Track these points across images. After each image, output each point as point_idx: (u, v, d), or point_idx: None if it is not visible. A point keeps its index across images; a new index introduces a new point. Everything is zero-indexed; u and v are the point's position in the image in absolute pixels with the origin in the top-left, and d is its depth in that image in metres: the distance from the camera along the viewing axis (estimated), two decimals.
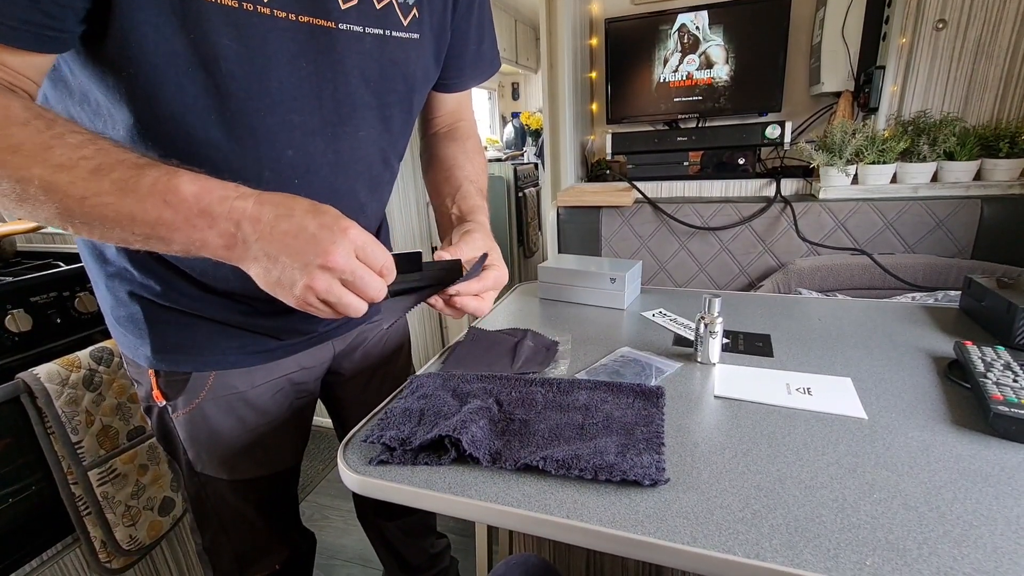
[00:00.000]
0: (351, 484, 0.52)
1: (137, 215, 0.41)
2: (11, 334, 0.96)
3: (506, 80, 4.53)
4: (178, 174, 0.42)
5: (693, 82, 1.59)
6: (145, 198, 0.41)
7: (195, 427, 0.68)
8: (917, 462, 0.49)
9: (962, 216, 1.23)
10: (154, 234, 0.42)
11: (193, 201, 0.42)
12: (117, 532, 1.01)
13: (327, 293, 0.44)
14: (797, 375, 0.66)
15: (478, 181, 0.73)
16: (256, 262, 0.44)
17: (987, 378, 0.57)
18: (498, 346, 0.77)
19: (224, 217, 0.42)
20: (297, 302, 0.45)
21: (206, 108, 0.50)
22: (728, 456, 0.51)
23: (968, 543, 0.39)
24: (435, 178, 0.75)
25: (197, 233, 0.42)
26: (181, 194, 0.42)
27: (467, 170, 0.73)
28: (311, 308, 0.45)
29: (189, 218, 0.42)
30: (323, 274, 0.43)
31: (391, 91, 0.62)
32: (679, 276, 1.51)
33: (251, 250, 0.43)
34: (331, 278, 0.44)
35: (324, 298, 0.45)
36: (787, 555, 0.39)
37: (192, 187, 0.42)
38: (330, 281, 0.44)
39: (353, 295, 0.46)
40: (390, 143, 0.66)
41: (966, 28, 1.25)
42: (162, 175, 0.42)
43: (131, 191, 0.41)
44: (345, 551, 1.45)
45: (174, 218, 0.42)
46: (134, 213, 0.41)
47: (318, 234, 0.43)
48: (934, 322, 0.81)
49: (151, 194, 0.41)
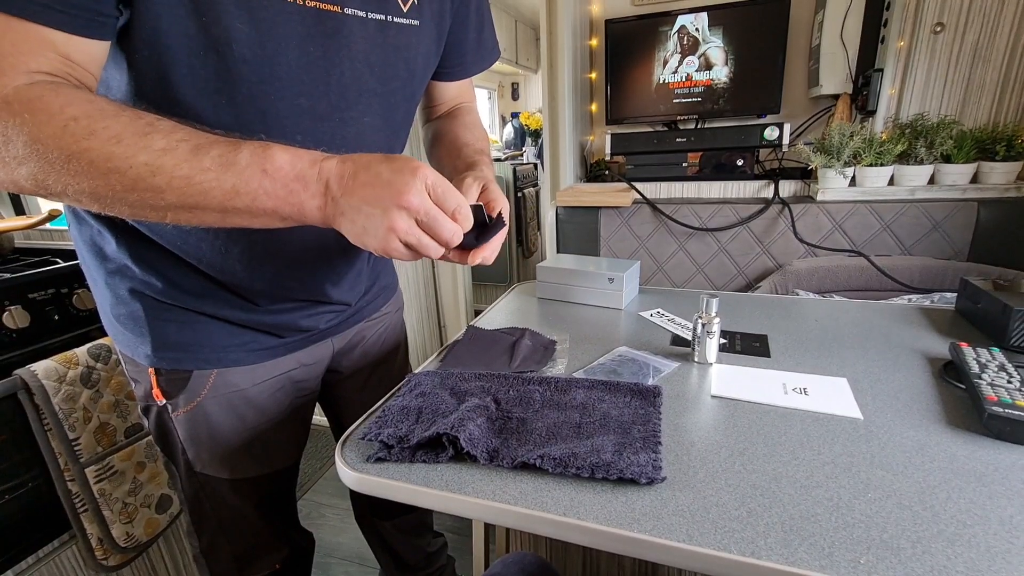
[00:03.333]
0: (349, 481, 0.52)
1: (240, 188, 0.43)
2: (9, 331, 0.96)
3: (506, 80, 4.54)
4: (270, 146, 0.44)
5: (692, 83, 1.60)
6: (245, 170, 0.43)
7: (195, 426, 0.68)
8: (912, 462, 0.49)
9: (959, 218, 1.23)
10: (254, 205, 0.44)
11: (288, 168, 0.44)
12: (114, 529, 1.00)
13: (407, 234, 0.46)
14: (793, 375, 0.66)
15: (476, 144, 0.73)
16: (344, 217, 0.46)
17: (982, 379, 0.57)
18: (496, 345, 0.77)
19: (315, 179, 0.45)
20: (383, 247, 0.46)
21: (217, 92, 0.50)
22: (724, 455, 0.51)
23: (962, 542, 0.39)
24: (438, 154, 0.75)
25: (294, 198, 0.45)
26: (277, 162, 0.44)
27: (466, 138, 0.73)
28: (396, 252, 0.47)
29: (286, 183, 0.44)
30: (401, 214, 0.45)
31: (394, 77, 0.62)
32: (677, 276, 1.51)
33: (340, 205, 0.45)
34: (409, 218, 0.45)
35: (405, 240, 0.46)
36: (782, 553, 0.39)
37: (285, 155, 0.44)
38: (408, 222, 0.45)
39: (430, 238, 0.47)
40: (393, 131, 0.67)
41: (964, 31, 1.26)
42: (256, 148, 0.44)
43: (231, 165, 0.43)
44: (342, 549, 1.45)
45: (273, 186, 0.44)
46: (237, 186, 0.43)
47: (392, 179, 0.45)
48: (930, 323, 0.81)
49: (250, 166, 0.43)
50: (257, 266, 0.63)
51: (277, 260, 0.63)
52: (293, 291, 0.67)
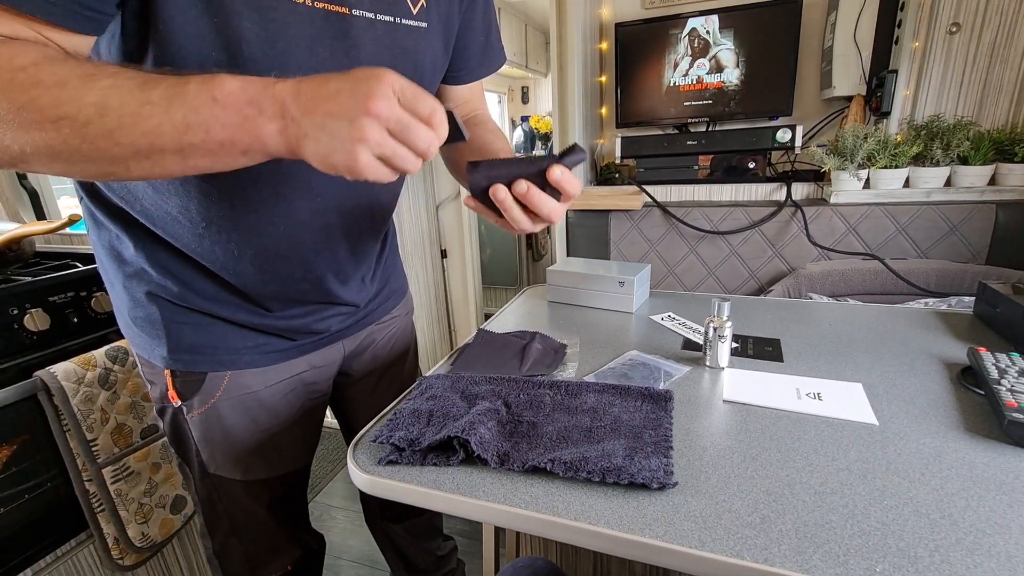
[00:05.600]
0: (360, 484, 0.52)
1: (191, 120, 0.41)
2: (29, 333, 0.98)
3: (516, 84, 4.55)
4: (218, 75, 0.42)
5: (703, 86, 1.59)
6: (193, 100, 0.41)
7: (209, 427, 0.69)
8: (929, 469, 0.48)
9: (976, 221, 1.21)
10: (209, 138, 0.41)
11: (240, 92, 0.41)
12: (130, 529, 1.02)
13: (380, 145, 0.42)
14: (807, 380, 0.66)
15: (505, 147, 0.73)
16: (307, 138, 0.42)
17: (1001, 385, 0.56)
18: (507, 348, 0.77)
19: (270, 100, 0.42)
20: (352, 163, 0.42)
21: None
22: (737, 460, 0.51)
23: (981, 551, 0.39)
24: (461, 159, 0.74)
25: (249, 124, 0.42)
26: (227, 88, 0.41)
27: (496, 145, 0.73)
28: (368, 168, 0.43)
29: (239, 108, 0.41)
30: (370, 123, 0.41)
31: None
32: (688, 280, 1.50)
33: (301, 126, 0.42)
34: (380, 127, 0.42)
35: (379, 152, 0.42)
36: (796, 560, 0.39)
37: (236, 81, 0.42)
38: (380, 131, 0.42)
39: (406, 148, 0.44)
40: None
41: (981, 31, 1.24)
42: (205, 77, 0.42)
43: (178, 96, 0.41)
44: (352, 552, 1.46)
45: (226, 115, 0.41)
46: (188, 119, 0.41)
47: (356, 87, 0.41)
48: (947, 328, 0.80)
49: (198, 95, 0.41)
50: (269, 268, 0.63)
51: (288, 261, 0.64)
52: (305, 293, 0.68)
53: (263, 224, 0.60)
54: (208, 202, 0.57)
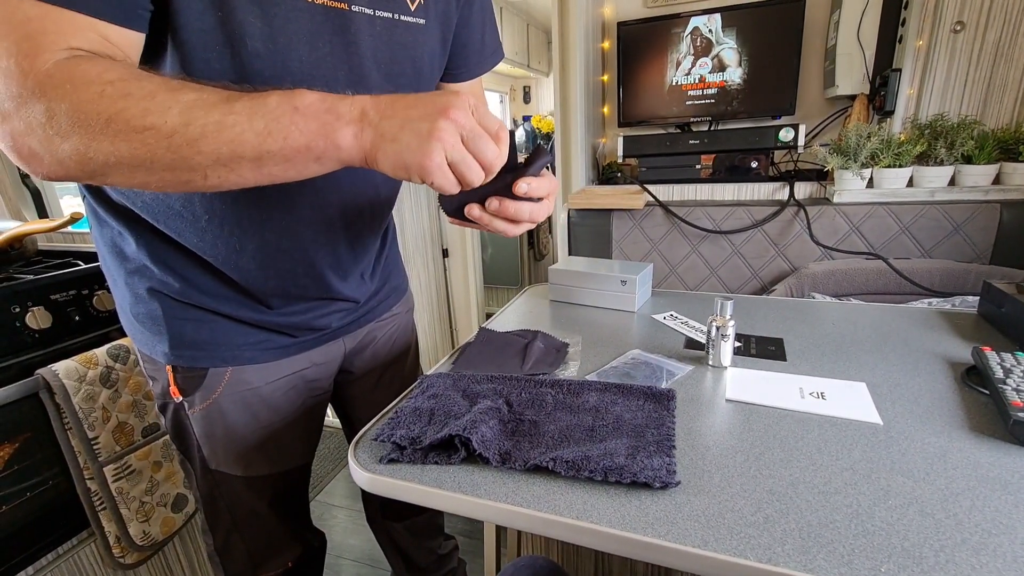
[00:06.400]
0: (362, 482, 0.52)
1: (272, 128, 0.43)
2: (31, 331, 0.98)
3: (517, 84, 4.55)
4: (299, 89, 0.44)
5: (706, 85, 1.59)
6: (275, 109, 0.43)
7: (211, 423, 0.69)
8: (934, 468, 0.48)
9: (980, 220, 1.21)
10: (287, 144, 0.43)
11: (319, 102, 0.44)
12: (131, 528, 1.02)
13: (453, 149, 0.44)
14: (811, 379, 0.65)
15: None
16: (383, 139, 0.44)
17: (1006, 384, 0.56)
18: (509, 347, 0.77)
19: (348, 107, 0.44)
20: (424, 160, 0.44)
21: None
22: (740, 460, 0.50)
23: (987, 551, 0.38)
24: None
25: (327, 129, 0.44)
26: (307, 99, 0.43)
27: None
28: (436, 169, 0.44)
29: (318, 115, 0.43)
30: (447, 124, 0.43)
31: (400, 74, 0.63)
32: (690, 280, 1.50)
33: (379, 128, 0.44)
34: (455, 131, 0.44)
35: (450, 155, 0.44)
36: (800, 560, 0.38)
37: (315, 93, 0.44)
38: (455, 135, 0.44)
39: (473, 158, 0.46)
40: None
41: (985, 30, 1.23)
42: (286, 91, 0.44)
43: (261, 107, 0.43)
44: (353, 551, 1.46)
45: (305, 121, 0.43)
46: (268, 126, 0.42)
47: (434, 98, 0.44)
48: (951, 327, 0.79)
49: (280, 105, 0.43)
50: (270, 263, 0.64)
51: (289, 256, 0.64)
52: (305, 288, 0.68)
53: (265, 218, 0.60)
54: (211, 195, 0.57)
